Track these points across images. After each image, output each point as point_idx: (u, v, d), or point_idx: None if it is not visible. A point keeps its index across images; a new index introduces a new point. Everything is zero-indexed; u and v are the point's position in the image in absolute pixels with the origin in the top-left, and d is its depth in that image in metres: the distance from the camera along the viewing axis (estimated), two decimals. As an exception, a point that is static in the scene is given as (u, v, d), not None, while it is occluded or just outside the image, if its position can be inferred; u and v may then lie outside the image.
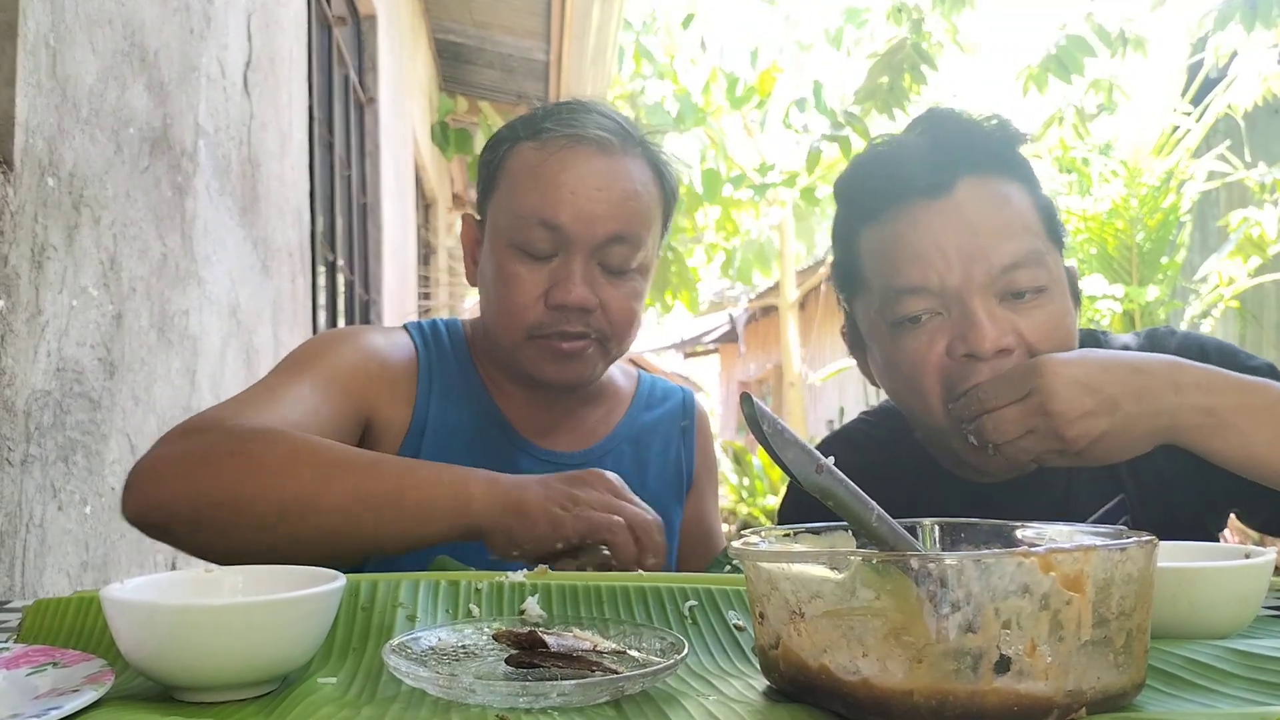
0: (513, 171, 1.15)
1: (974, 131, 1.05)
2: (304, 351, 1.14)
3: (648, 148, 1.18)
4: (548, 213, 1.10)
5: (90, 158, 1.54)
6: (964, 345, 0.99)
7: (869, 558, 0.54)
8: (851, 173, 1.13)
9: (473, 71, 7.17)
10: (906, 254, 1.02)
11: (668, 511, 1.27)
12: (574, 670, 0.63)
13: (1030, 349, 1.00)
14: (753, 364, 17.96)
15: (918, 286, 1.01)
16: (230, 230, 2.30)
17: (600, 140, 1.13)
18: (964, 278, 1.00)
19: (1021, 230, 1.02)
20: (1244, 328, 5.66)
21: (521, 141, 1.16)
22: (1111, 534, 0.65)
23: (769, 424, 0.57)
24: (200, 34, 2.10)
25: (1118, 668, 0.53)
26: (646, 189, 1.15)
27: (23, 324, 1.33)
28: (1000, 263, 0.99)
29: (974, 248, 1.00)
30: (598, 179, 1.11)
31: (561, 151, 1.12)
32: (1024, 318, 1.00)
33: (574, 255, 1.11)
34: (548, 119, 1.15)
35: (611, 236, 1.11)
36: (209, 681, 0.61)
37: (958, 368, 1.00)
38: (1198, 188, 5.23)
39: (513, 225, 1.13)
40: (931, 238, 1.01)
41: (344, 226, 4.29)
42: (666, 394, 1.36)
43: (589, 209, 1.10)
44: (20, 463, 1.32)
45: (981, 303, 0.99)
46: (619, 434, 1.27)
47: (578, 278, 1.10)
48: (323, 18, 3.91)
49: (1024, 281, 1.00)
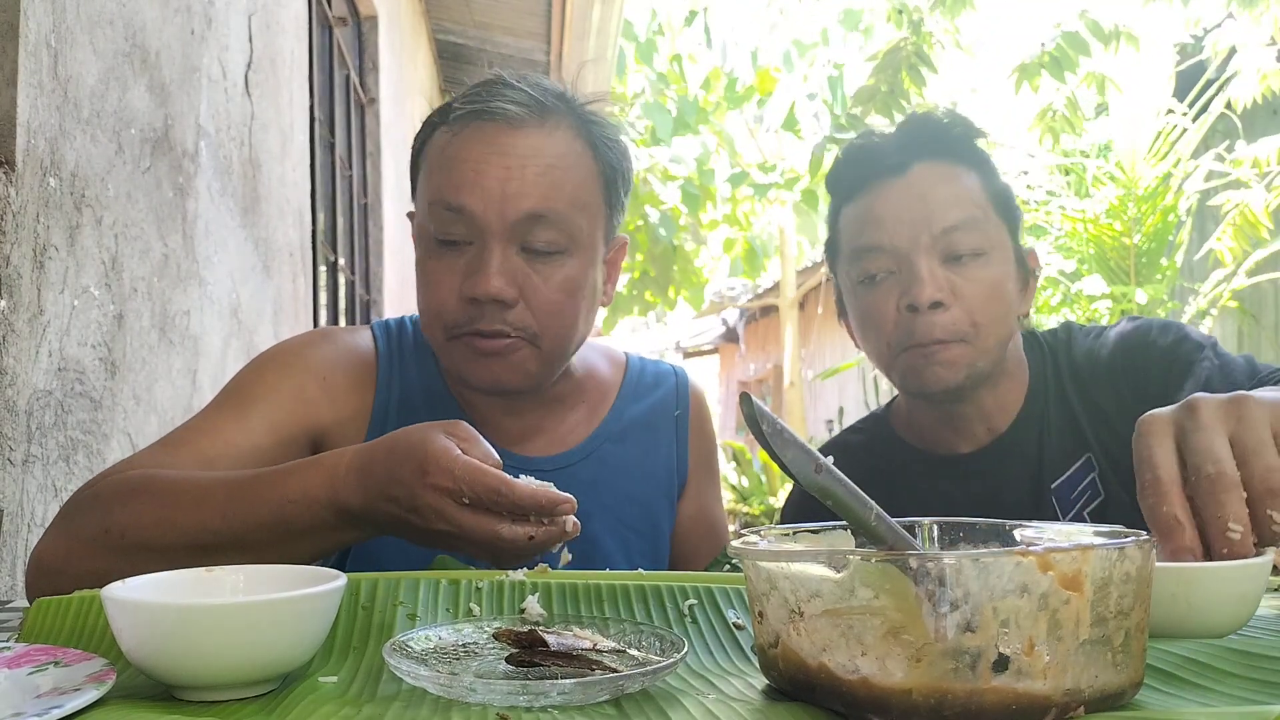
0: (428, 158, 1.09)
1: (934, 126, 1.23)
2: (239, 379, 1.09)
3: (578, 117, 1.08)
4: (451, 194, 1.02)
5: (92, 158, 1.54)
6: (906, 297, 1.16)
7: (868, 557, 0.54)
8: (837, 163, 1.31)
9: (473, 72, 7.17)
10: (869, 221, 1.21)
11: (656, 516, 1.22)
12: (574, 669, 0.64)
13: (966, 306, 1.16)
14: (753, 364, 17.95)
15: (874, 246, 1.20)
16: (231, 230, 2.31)
17: (508, 114, 1.03)
18: (910, 239, 1.17)
19: (964, 201, 1.19)
20: (1243, 327, 5.66)
21: (437, 126, 1.08)
22: (1110, 533, 0.66)
23: (769, 424, 0.57)
24: (201, 35, 2.10)
25: (1116, 667, 0.54)
26: (571, 162, 1.05)
27: (24, 324, 1.33)
28: (941, 225, 1.17)
29: (919, 214, 1.18)
30: (505, 155, 1.02)
31: (466, 129, 1.04)
32: (962, 277, 1.17)
33: (488, 241, 1.02)
34: (460, 99, 1.07)
35: (526, 215, 1.02)
36: (210, 680, 0.61)
37: (904, 319, 1.17)
38: (1196, 188, 5.22)
39: (425, 214, 1.06)
40: (888, 206, 1.20)
41: (345, 226, 4.30)
42: (658, 379, 1.27)
43: (496, 187, 1.01)
44: (22, 462, 1.32)
45: (925, 261, 1.16)
46: (601, 433, 1.20)
47: (492, 266, 1.01)
48: (323, 18, 3.92)
49: (962, 244, 1.17)
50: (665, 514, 1.23)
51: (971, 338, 1.17)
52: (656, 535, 1.22)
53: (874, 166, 1.22)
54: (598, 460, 1.18)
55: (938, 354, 1.16)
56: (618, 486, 1.18)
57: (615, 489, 1.18)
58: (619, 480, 1.19)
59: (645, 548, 1.20)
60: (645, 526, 1.21)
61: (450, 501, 0.78)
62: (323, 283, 3.77)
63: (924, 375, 1.18)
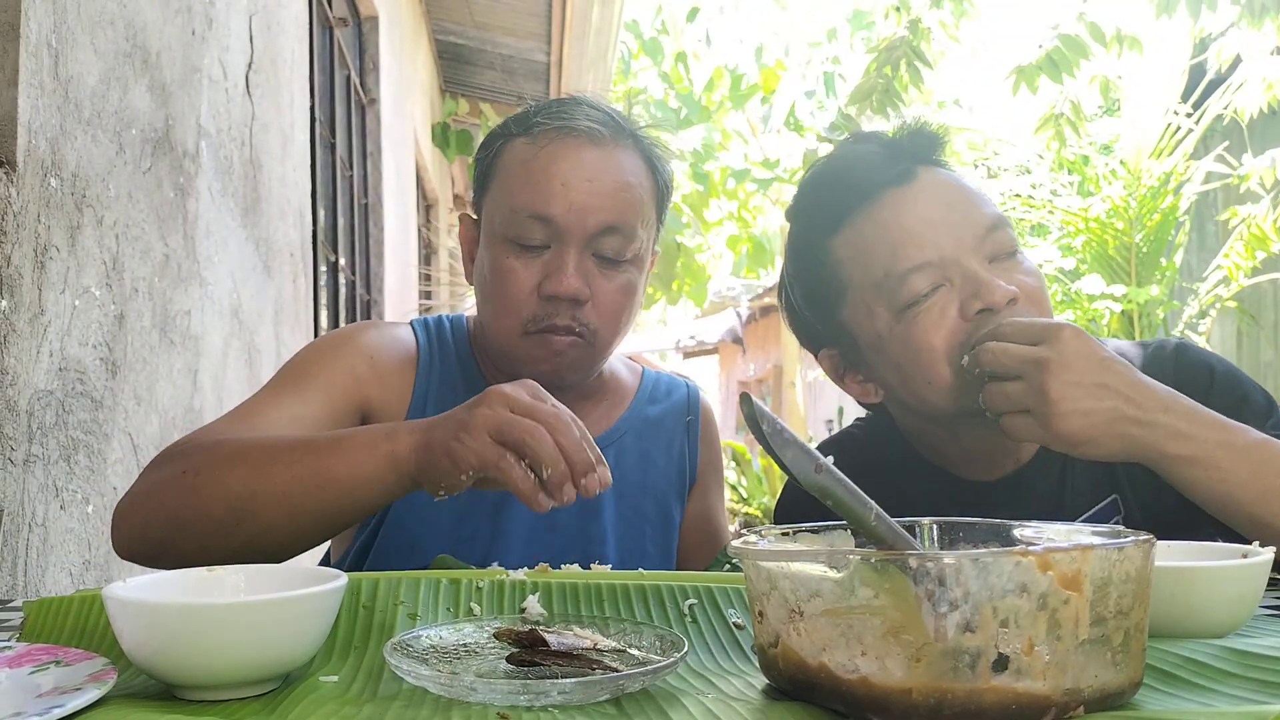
0: (506, 167, 1.17)
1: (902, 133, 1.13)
2: (296, 359, 1.17)
3: (640, 140, 1.19)
4: (540, 205, 1.11)
5: (93, 158, 1.54)
6: (977, 301, 1.02)
7: (868, 556, 0.54)
8: (804, 193, 1.16)
9: (473, 73, 7.18)
10: (899, 237, 1.05)
11: (668, 508, 1.29)
12: (574, 668, 0.64)
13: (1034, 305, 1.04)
14: (753, 364, 17.95)
15: (920, 263, 1.04)
16: (232, 231, 2.31)
17: (591, 132, 1.14)
18: (957, 244, 1.04)
19: (986, 200, 1.09)
20: (1242, 327, 5.66)
21: (514, 137, 1.17)
22: (1109, 533, 0.66)
23: (769, 424, 0.58)
24: (202, 35, 2.11)
25: (1115, 666, 0.54)
26: (639, 180, 1.16)
27: (25, 324, 1.33)
28: (984, 224, 1.05)
29: (955, 217, 1.05)
30: (588, 170, 1.12)
31: (552, 144, 1.13)
32: (1016, 273, 1.05)
33: (567, 247, 1.12)
34: (539, 114, 1.17)
35: (604, 227, 1.12)
36: (211, 680, 0.61)
37: (973, 327, 1.02)
38: (1196, 189, 5.22)
39: (506, 220, 1.14)
40: (917, 215, 1.05)
41: (345, 227, 4.30)
42: (671, 388, 1.36)
43: (580, 200, 1.11)
44: (23, 462, 1.33)
45: (979, 263, 1.04)
46: (621, 428, 1.27)
47: (570, 268, 1.11)
48: (324, 19, 3.92)
49: (1004, 242, 1.06)
50: (676, 509, 1.30)
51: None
52: (668, 527, 1.28)
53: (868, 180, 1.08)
54: (618, 450, 1.25)
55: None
56: (634, 477, 1.26)
57: (632, 479, 1.26)
58: (636, 471, 1.26)
59: (657, 536, 1.27)
60: (658, 517, 1.27)
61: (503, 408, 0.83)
62: (323, 283, 3.77)
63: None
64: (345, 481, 0.89)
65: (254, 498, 0.90)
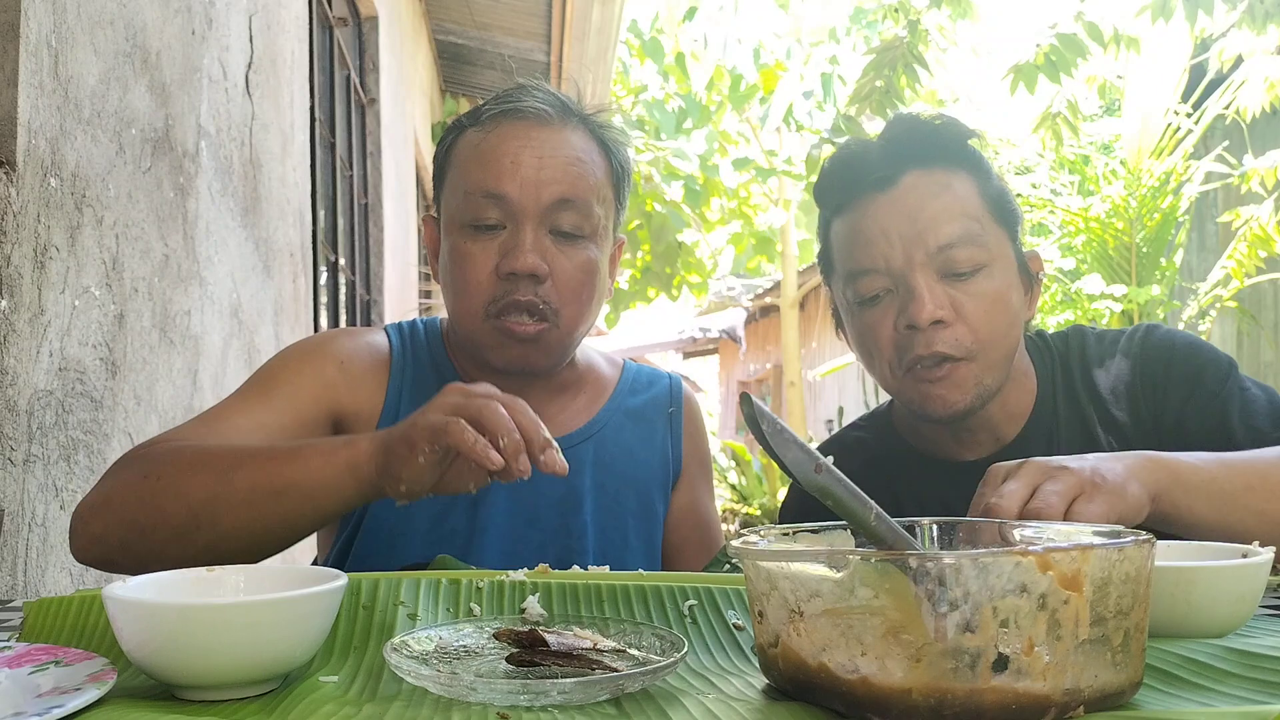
0: (459, 157, 1.19)
1: (921, 129, 1.18)
2: (266, 366, 1.17)
3: (589, 122, 1.21)
4: (491, 183, 1.13)
5: (92, 158, 1.54)
6: (905, 318, 1.12)
7: (868, 556, 0.54)
8: (823, 173, 1.25)
9: (473, 73, 7.18)
10: (860, 241, 1.16)
11: (651, 500, 1.28)
12: (574, 668, 0.64)
13: (970, 323, 1.12)
14: (753, 364, 17.95)
15: (868, 269, 1.15)
16: (232, 231, 2.31)
17: (538, 112, 1.16)
18: (905, 258, 1.13)
19: (959, 214, 1.14)
20: (1242, 327, 5.66)
21: (466, 129, 1.20)
22: (1109, 533, 0.66)
23: (769, 424, 0.58)
24: (201, 35, 2.11)
25: (1115, 666, 0.54)
26: (590, 158, 1.18)
27: (25, 324, 1.33)
28: (936, 243, 1.12)
29: (914, 231, 1.13)
30: (538, 147, 1.14)
31: (500, 127, 1.16)
32: (963, 293, 1.12)
33: (522, 224, 1.13)
34: (488, 104, 1.20)
35: (557, 200, 1.13)
36: (211, 680, 0.61)
37: (903, 338, 1.13)
38: (1196, 189, 5.22)
39: (461, 205, 1.15)
40: (879, 225, 1.15)
41: (345, 227, 4.30)
42: (652, 380, 1.36)
43: (531, 175, 1.13)
44: (22, 462, 1.33)
45: (923, 279, 1.12)
46: (600, 420, 1.27)
47: (527, 244, 1.12)
48: (324, 19, 3.92)
49: (962, 260, 1.12)
50: (660, 501, 1.29)
51: (977, 355, 1.12)
52: (652, 520, 1.28)
53: (861, 178, 1.17)
54: (597, 443, 1.25)
55: (943, 376, 1.12)
56: (615, 470, 1.26)
57: (613, 472, 1.25)
58: (616, 464, 1.26)
59: (641, 529, 1.26)
60: (641, 510, 1.27)
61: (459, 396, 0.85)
62: (323, 283, 3.77)
63: (930, 400, 1.13)
64: (304, 488, 0.89)
65: (214, 503, 0.90)
